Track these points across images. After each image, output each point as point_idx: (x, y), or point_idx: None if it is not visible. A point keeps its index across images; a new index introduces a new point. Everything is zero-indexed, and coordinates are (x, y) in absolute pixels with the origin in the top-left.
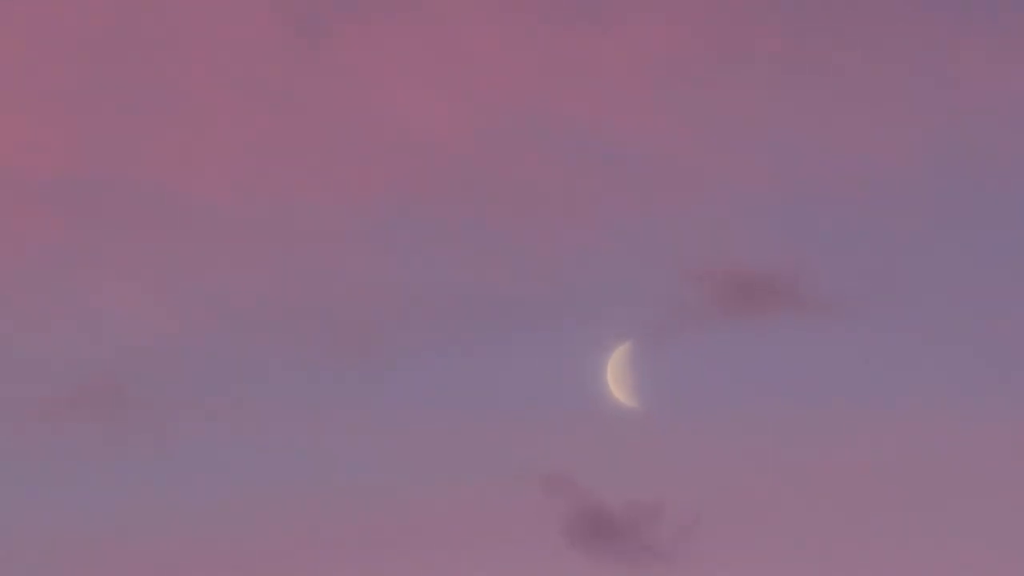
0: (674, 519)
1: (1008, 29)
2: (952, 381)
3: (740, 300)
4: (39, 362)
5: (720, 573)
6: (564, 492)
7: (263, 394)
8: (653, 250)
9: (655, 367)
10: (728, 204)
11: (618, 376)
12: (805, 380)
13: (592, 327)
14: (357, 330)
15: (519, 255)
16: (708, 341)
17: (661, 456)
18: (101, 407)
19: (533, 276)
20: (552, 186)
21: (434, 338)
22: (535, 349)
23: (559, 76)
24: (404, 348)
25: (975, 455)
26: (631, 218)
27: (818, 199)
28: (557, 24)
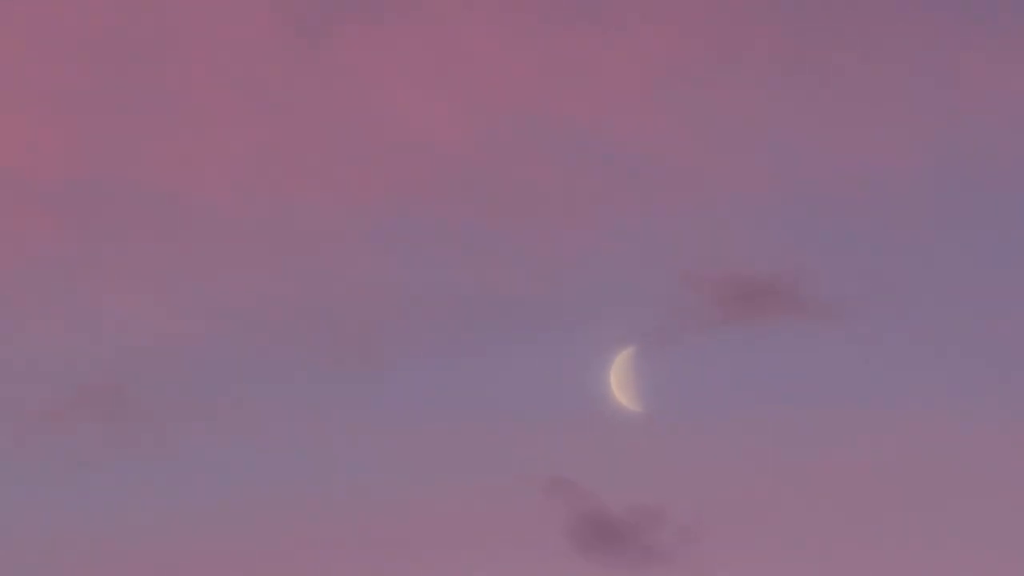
0: (676, 522)
1: (1008, 29)
2: (952, 383)
3: (740, 302)
4: (39, 362)
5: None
6: (566, 495)
7: (263, 395)
8: (653, 251)
9: (656, 370)
10: (728, 205)
11: (621, 379)
12: (806, 382)
13: (592, 329)
14: (358, 331)
15: (519, 256)
16: (708, 343)
17: (663, 459)
18: (101, 408)
19: (533, 277)
20: (552, 187)
21: (434, 339)
22: (535, 350)
23: (559, 77)
24: (405, 349)
25: (975, 456)
26: (631, 219)
27: (818, 200)
28: (557, 24)
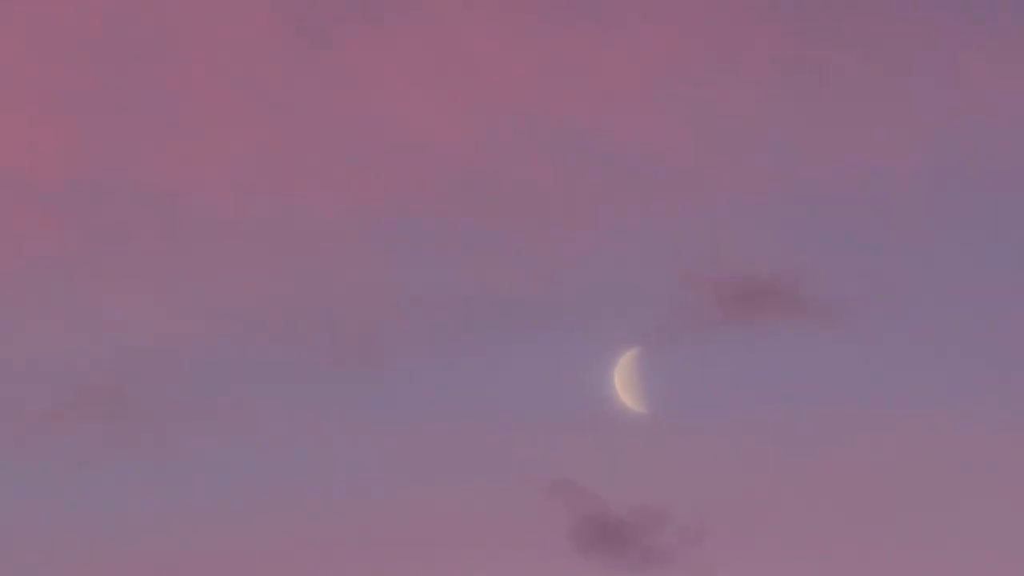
0: (679, 522)
1: (1008, 30)
2: (952, 383)
3: (740, 302)
4: (39, 362)
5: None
6: (569, 496)
7: (263, 395)
8: (653, 251)
9: (656, 370)
10: (728, 205)
11: (624, 380)
12: (806, 382)
13: (592, 329)
14: (358, 331)
15: (519, 256)
16: (708, 344)
17: (664, 460)
18: (101, 408)
19: (533, 277)
20: (552, 187)
21: (434, 339)
22: (536, 351)
23: (559, 77)
24: (405, 349)
25: (975, 456)
26: (631, 219)
27: (818, 200)
28: (557, 24)
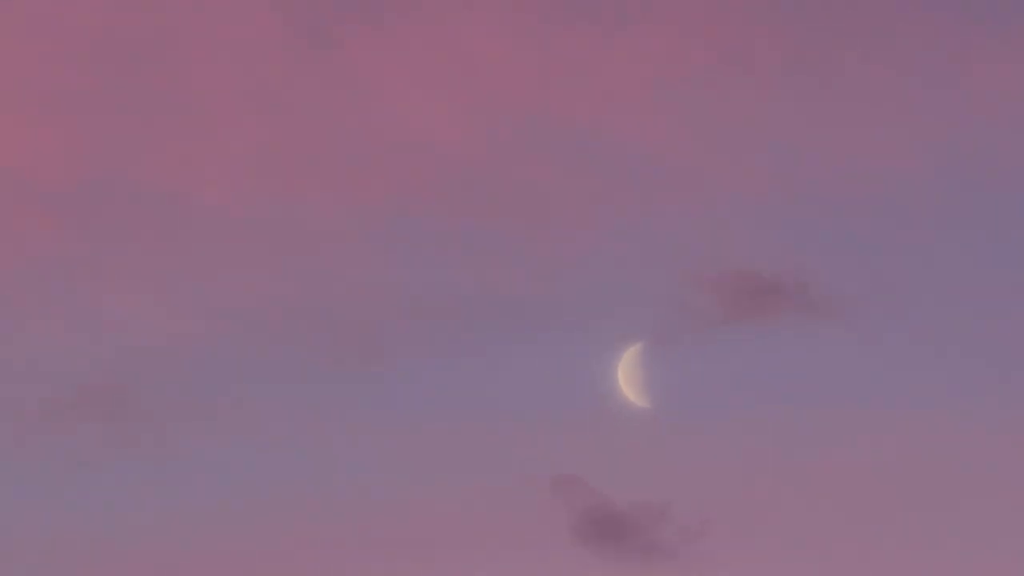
0: (681, 519)
1: (1009, 30)
2: (952, 383)
3: (741, 302)
4: (39, 362)
5: (726, 573)
6: (572, 492)
7: (263, 395)
8: (653, 251)
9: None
10: (728, 205)
11: (628, 377)
12: (806, 382)
13: (592, 329)
14: (358, 331)
15: (519, 256)
16: (709, 343)
17: (669, 457)
18: (101, 408)
19: (533, 277)
20: (552, 187)
21: (434, 339)
22: (536, 351)
23: (559, 77)
24: (405, 349)
25: (975, 456)
26: (631, 219)
27: (819, 200)
28: (557, 24)
